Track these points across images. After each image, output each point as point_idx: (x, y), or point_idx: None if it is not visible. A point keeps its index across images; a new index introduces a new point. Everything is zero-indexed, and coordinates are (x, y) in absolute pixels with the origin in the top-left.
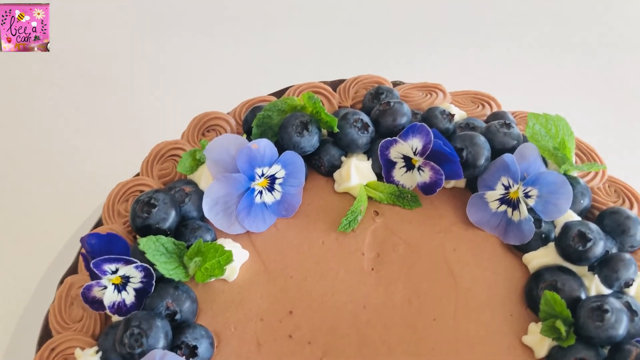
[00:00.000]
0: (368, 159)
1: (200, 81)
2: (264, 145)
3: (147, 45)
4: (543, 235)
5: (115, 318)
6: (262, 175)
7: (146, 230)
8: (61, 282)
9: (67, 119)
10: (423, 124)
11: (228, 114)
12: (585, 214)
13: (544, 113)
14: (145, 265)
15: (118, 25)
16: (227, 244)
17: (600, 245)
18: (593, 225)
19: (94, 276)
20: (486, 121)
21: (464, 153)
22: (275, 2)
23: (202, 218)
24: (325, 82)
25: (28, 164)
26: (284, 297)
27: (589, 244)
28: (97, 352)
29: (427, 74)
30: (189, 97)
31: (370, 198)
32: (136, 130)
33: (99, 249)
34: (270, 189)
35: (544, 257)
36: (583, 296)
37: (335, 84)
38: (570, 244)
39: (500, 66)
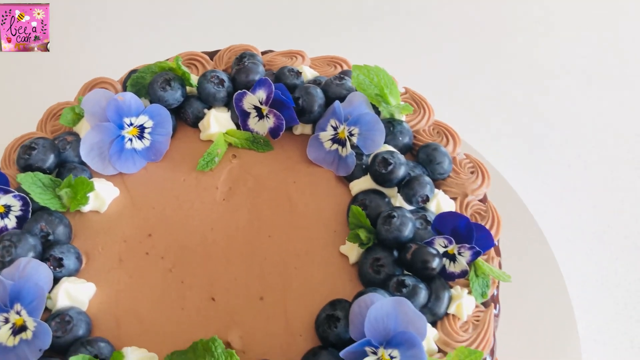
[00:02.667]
0: (228, 111)
1: None
2: (129, 98)
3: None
4: (364, 166)
5: None
6: (131, 124)
7: (28, 169)
8: None
9: None
10: (267, 78)
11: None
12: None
13: (364, 64)
14: (22, 194)
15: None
16: (101, 182)
17: (401, 169)
18: (397, 154)
19: None
20: None
21: (300, 101)
22: None
23: (83, 163)
24: (206, 52)
25: None
26: (145, 224)
27: (390, 167)
28: None
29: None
30: None
31: (230, 144)
32: None
33: None
34: (140, 137)
35: (363, 183)
36: None
37: (214, 54)
38: (377, 169)
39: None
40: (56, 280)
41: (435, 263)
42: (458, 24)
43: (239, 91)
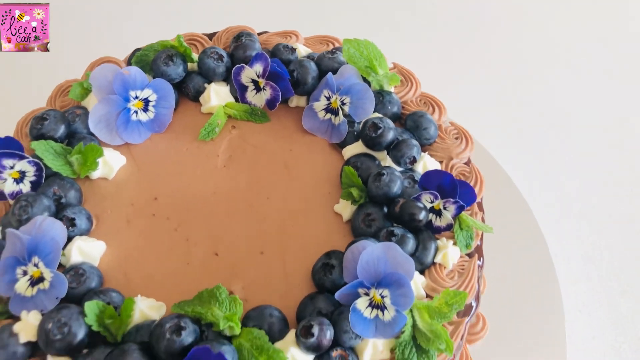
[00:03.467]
0: (227, 85)
1: None
2: (134, 72)
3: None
4: (355, 133)
5: None
6: (136, 97)
7: (40, 138)
8: None
9: None
10: (263, 52)
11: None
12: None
13: (354, 38)
14: (36, 160)
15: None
16: (109, 151)
17: (390, 133)
18: (386, 119)
19: None
20: None
21: (295, 73)
22: None
23: (91, 134)
24: (205, 34)
25: None
26: (151, 189)
27: (379, 131)
28: None
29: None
30: None
31: (229, 116)
32: None
33: None
34: (145, 109)
35: (355, 148)
36: None
37: (213, 35)
38: (367, 133)
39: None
40: (69, 240)
41: (422, 215)
42: (450, 13)
43: (238, 65)
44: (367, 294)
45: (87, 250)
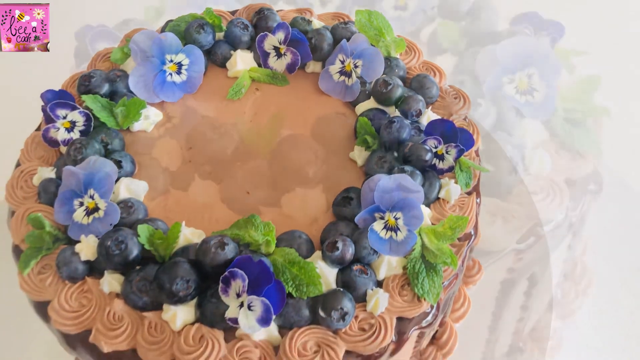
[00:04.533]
0: (250, 52)
1: None
2: (171, 37)
3: None
4: (367, 92)
5: None
6: (171, 61)
7: (87, 94)
8: None
9: None
10: (285, 22)
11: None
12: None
13: (366, 9)
14: (86, 111)
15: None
16: (147, 108)
17: (398, 89)
18: (395, 77)
19: (49, 120)
20: None
21: (312, 40)
22: None
23: (131, 93)
24: (227, 11)
25: None
26: (186, 140)
27: (389, 87)
28: (52, 170)
29: None
30: None
31: (253, 80)
32: None
33: (53, 99)
34: (179, 72)
35: (367, 104)
36: None
37: (234, 13)
38: (378, 89)
39: None
40: (116, 181)
41: (428, 156)
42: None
43: (261, 34)
44: (382, 218)
45: (133, 188)
